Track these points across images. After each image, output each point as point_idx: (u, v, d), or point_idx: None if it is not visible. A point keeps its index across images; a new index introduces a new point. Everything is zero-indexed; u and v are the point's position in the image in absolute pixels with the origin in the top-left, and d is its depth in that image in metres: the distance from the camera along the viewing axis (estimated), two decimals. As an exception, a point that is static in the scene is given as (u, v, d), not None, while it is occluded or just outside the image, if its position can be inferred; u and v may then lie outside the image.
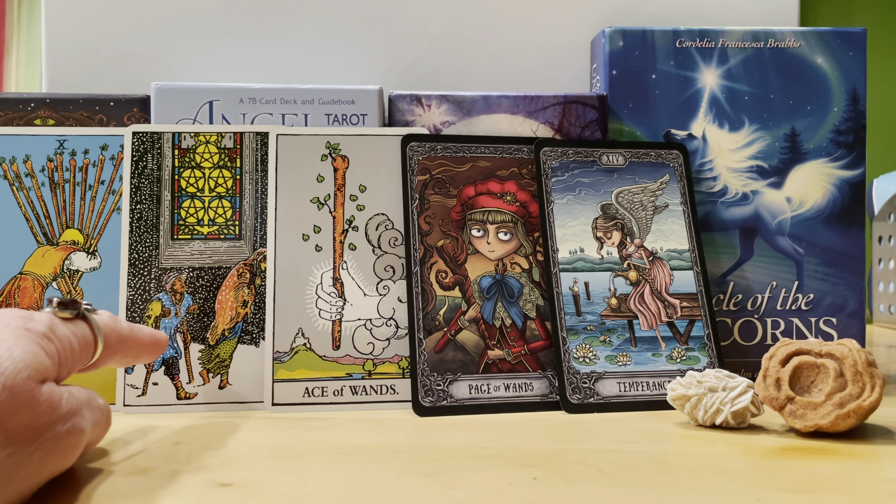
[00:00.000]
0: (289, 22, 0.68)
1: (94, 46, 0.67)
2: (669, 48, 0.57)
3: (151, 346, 0.42)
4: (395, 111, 0.56)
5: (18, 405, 0.29)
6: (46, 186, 0.53)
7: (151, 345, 0.42)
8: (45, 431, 0.30)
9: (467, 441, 0.41)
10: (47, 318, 0.34)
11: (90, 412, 0.34)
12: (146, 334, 0.42)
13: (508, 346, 0.51)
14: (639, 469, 0.36)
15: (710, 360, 0.52)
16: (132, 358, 0.41)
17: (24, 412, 0.29)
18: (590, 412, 0.49)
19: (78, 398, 0.33)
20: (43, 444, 0.29)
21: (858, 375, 0.40)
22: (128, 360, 0.41)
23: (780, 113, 0.57)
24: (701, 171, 0.58)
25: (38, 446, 0.29)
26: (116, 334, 0.39)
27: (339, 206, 0.53)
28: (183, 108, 0.55)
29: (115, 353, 0.39)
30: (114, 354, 0.39)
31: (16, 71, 2.20)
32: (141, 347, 0.41)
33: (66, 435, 0.31)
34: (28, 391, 0.29)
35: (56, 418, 0.30)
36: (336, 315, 0.51)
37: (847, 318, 0.57)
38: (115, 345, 0.39)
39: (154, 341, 0.43)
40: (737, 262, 0.58)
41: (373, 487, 0.33)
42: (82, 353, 0.36)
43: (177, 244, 0.52)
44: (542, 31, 0.68)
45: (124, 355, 0.40)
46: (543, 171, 0.54)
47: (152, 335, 0.43)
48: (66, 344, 0.34)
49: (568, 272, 0.52)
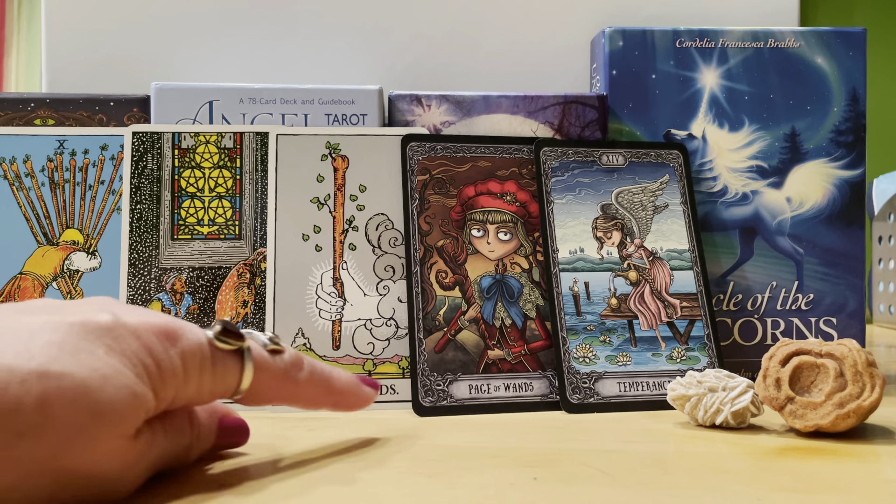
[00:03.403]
0: (289, 22, 0.68)
1: (94, 46, 0.67)
2: (669, 48, 0.57)
3: (340, 398, 0.38)
4: (395, 111, 0.56)
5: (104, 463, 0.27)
6: (46, 186, 0.53)
7: (341, 395, 0.38)
8: (116, 483, 0.28)
9: (467, 441, 0.41)
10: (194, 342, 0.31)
11: (162, 451, 0.31)
12: (338, 384, 0.37)
13: (508, 346, 0.51)
14: (639, 469, 0.36)
15: (710, 360, 0.52)
16: (310, 405, 0.37)
17: (106, 468, 0.27)
18: (590, 412, 0.49)
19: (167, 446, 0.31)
20: (107, 488, 0.28)
21: (858, 375, 0.40)
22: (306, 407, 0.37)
23: (780, 113, 0.57)
24: (701, 171, 0.58)
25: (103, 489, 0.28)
26: (273, 381, 0.34)
27: (339, 206, 0.53)
28: (183, 108, 0.55)
29: (267, 400, 0.35)
30: (267, 399, 0.35)
31: (16, 71, 2.20)
32: (315, 400, 0.37)
33: (130, 482, 0.29)
34: (122, 450, 0.27)
35: (133, 474, 0.29)
36: (336, 315, 0.51)
37: (847, 318, 0.57)
38: (269, 392, 0.35)
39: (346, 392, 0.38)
40: (737, 262, 0.58)
41: (373, 487, 0.33)
42: (216, 387, 0.32)
43: (177, 244, 0.52)
44: (542, 31, 0.68)
45: (285, 403, 0.36)
46: (543, 171, 0.54)
47: (347, 387, 0.38)
48: (193, 374, 0.31)
49: (568, 272, 0.52)
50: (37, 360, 0.25)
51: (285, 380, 0.35)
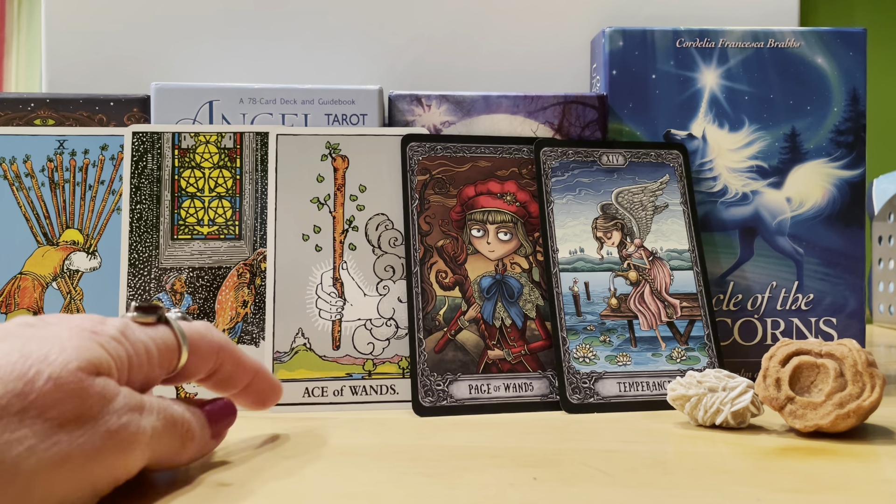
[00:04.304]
0: (289, 22, 0.68)
1: (94, 46, 0.67)
2: (669, 48, 0.57)
3: (260, 381, 0.39)
4: (395, 111, 0.56)
5: (65, 395, 0.29)
6: (46, 186, 0.53)
7: (258, 376, 0.39)
8: (94, 422, 0.30)
9: (467, 441, 0.41)
10: (120, 323, 0.34)
11: (156, 420, 0.32)
12: (253, 360, 0.39)
13: (508, 346, 0.51)
14: (639, 469, 0.36)
15: (710, 360, 0.52)
16: (237, 380, 0.39)
17: (69, 401, 0.29)
18: (590, 412, 0.49)
19: (142, 401, 0.32)
20: (92, 434, 0.29)
21: (858, 375, 0.40)
22: (233, 383, 0.39)
23: (780, 113, 0.57)
24: (701, 171, 0.58)
25: (87, 436, 0.29)
26: (209, 342, 0.37)
27: (339, 206, 0.53)
28: (183, 108, 0.55)
29: (208, 361, 0.37)
30: (207, 363, 0.37)
31: (16, 71, 2.20)
32: (243, 368, 0.39)
33: (119, 429, 0.30)
34: (77, 381, 0.29)
35: (109, 410, 0.30)
36: (336, 315, 0.51)
37: (847, 318, 0.57)
38: (208, 353, 0.37)
39: (262, 376, 0.40)
40: (737, 262, 0.58)
41: (373, 487, 0.33)
42: (162, 359, 0.34)
43: (177, 244, 0.52)
44: (542, 31, 0.68)
45: (223, 369, 0.38)
46: (543, 171, 0.54)
47: (262, 369, 0.40)
48: (139, 347, 0.33)
49: (568, 272, 0.52)
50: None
51: (209, 335, 0.37)
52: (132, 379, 0.33)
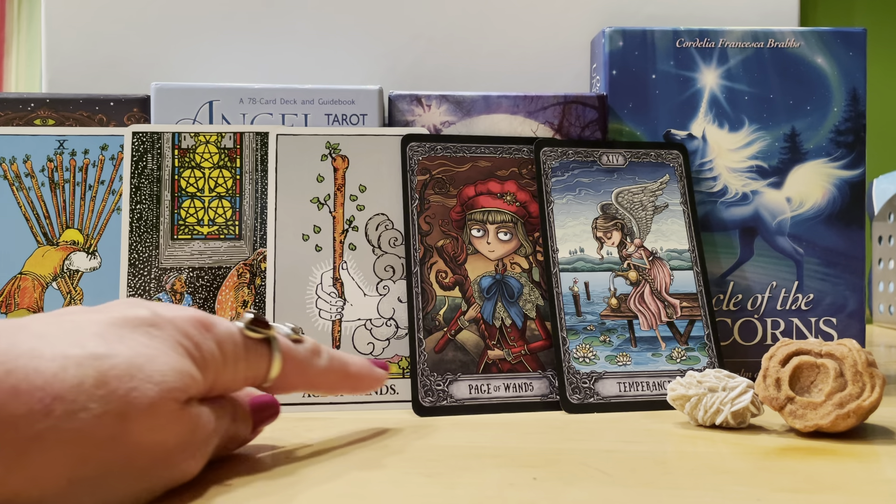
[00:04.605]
0: (289, 22, 0.68)
1: (94, 46, 0.67)
2: (669, 48, 0.57)
3: (357, 381, 0.40)
4: (395, 111, 0.56)
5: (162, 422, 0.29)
6: (46, 186, 0.53)
7: (358, 379, 0.40)
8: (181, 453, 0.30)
9: (467, 441, 0.41)
10: (226, 332, 0.33)
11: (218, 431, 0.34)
12: (354, 368, 0.40)
13: (508, 346, 0.51)
14: (639, 469, 0.36)
15: (710, 360, 0.52)
16: (330, 390, 0.40)
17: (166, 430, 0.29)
18: (590, 412, 0.49)
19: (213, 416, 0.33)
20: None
21: (858, 375, 0.40)
22: (326, 392, 0.41)
23: (780, 113, 0.57)
24: (701, 171, 0.58)
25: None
26: (298, 368, 0.37)
27: (339, 206, 0.53)
28: (183, 108, 0.55)
29: (292, 387, 0.37)
30: (292, 386, 0.37)
31: (16, 71, 2.20)
32: (334, 385, 0.40)
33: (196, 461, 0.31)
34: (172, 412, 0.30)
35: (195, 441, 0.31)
36: (336, 315, 0.51)
37: (847, 318, 0.57)
38: (294, 379, 0.37)
39: (362, 375, 0.41)
40: (737, 262, 0.58)
41: (373, 487, 0.33)
42: (246, 379, 0.35)
43: (177, 244, 0.52)
44: (542, 31, 0.68)
45: (308, 389, 0.39)
46: (543, 171, 0.54)
47: (361, 371, 0.41)
48: (229, 360, 0.33)
49: (568, 272, 0.52)
50: (88, 347, 0.28)
51: (308, 367, 0.37)
52: (213, 388, 0.33)
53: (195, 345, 0.32)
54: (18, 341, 0.27)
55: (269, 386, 0.36)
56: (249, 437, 0.38)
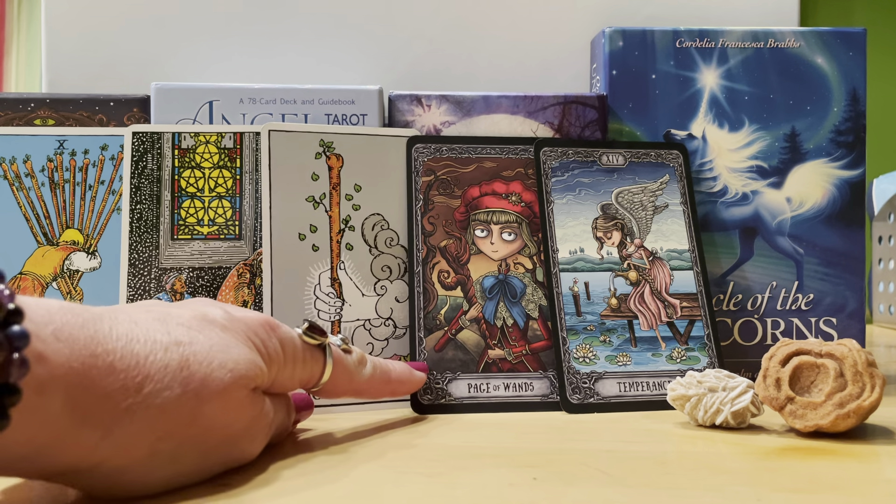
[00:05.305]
0: (289, 22, 0.68)
1: (94, 46, 0.67)
2: (669, 48, 0.57)
3: (398, 386, 0.45)
4: (395, 111, 0.56)
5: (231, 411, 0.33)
6: (46, 186, 0.53)
7: (399, 384, 0.45)
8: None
9: (467, 441, 0.41)
10: (286, 335, 0.37)
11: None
12: (395, 374, 0.44)
13: (509, 345, 0.51)
14: (639, 469, 0.36)
15: (710, 360, 0.52)
16: (372, 396, 0.44)
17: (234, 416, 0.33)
18: (590, 412, 0.49)
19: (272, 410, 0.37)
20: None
21: (858, 375, 0.40)
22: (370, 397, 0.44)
23: (780, 113, 0.57)
24: (701, 171, 0.58)
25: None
26: (346, 375, 0.40)
27: (335, 205, 0.53)
28: (183, 108, 0.55)
29: (339, 393, 0.41)
30: (339, 392, 0.41)
31: (16, 71, 2.20)
32: (377, 392, 0.43)
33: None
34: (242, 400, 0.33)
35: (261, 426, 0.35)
36: (335, 315, 0.51)
37: (847, 318, 0.57)
38: (342, 386, 0.41)
39: (402, 380, 0.45)
40: (737, 262, 0.58)
41: (373, 487, 0.33)
42: (300, 381, 0.38)
43: (177, 244, 0.52)
44: (542, 31, 0.68)
45: (353, 395, 0.42)
46: (543, 171, 0.54)
47: (402, 376, 0.45)
48: (289, 360, 0.37)
49: (568, 272, 0.52)
50: (173, 335, 0.31)
51: (355, 375, 0.41)
52: (274, 384, 0.36)
53: (262, 341, 0.35)
54: (117, 325, 0.30)
55: (317, 390, 0.40)
56: (291, 430, 0.42)
